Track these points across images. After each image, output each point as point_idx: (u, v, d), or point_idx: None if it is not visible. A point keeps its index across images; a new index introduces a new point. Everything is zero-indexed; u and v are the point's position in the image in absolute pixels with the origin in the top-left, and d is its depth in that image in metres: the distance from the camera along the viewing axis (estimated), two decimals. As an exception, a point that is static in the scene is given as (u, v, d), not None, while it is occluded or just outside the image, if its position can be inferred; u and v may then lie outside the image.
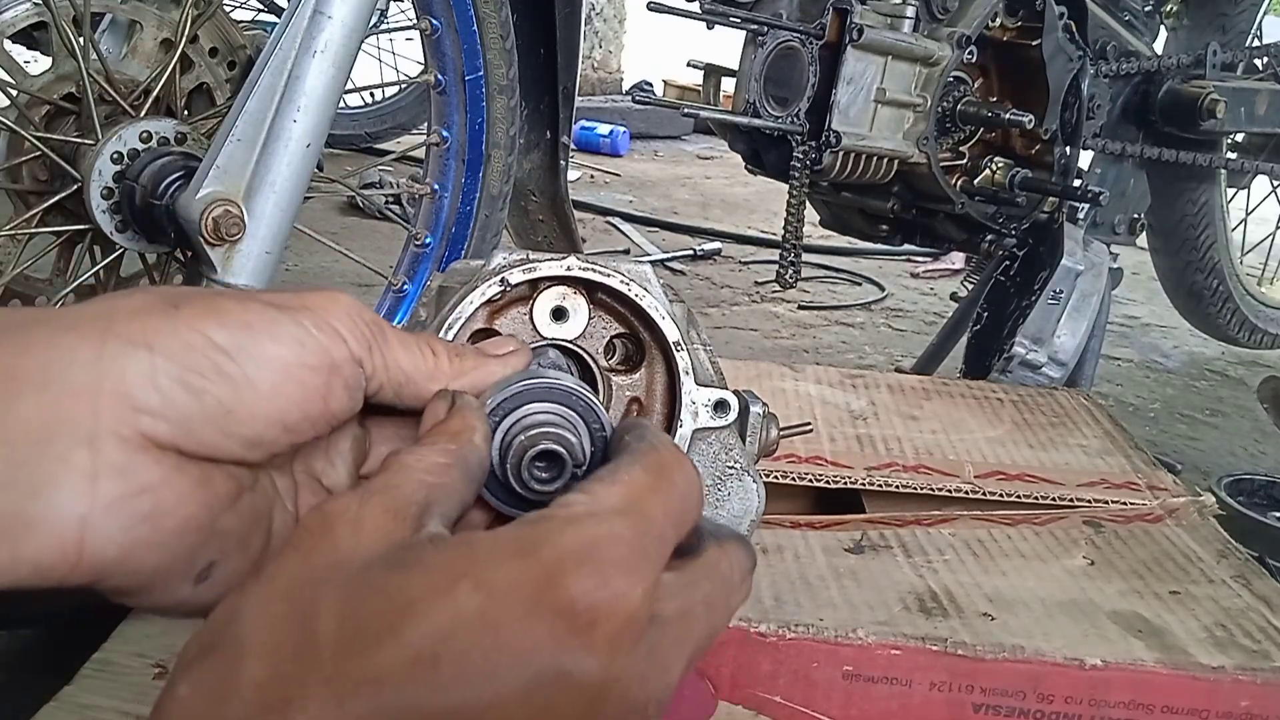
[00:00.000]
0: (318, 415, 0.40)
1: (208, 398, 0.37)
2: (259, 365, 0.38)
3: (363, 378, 0.41)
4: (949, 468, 0.86)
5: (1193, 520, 0.82)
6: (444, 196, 1.33)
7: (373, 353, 0.41)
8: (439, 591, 0.31)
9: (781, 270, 1.46)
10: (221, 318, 0.38)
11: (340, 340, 0.40)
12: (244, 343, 0.38)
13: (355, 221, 2.88)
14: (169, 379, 0.36)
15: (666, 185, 3.93)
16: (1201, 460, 1.84)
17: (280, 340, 0.38)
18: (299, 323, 0.39)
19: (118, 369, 0.36)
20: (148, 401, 0.36)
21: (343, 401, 0.40)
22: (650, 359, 0.60)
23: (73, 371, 0.36)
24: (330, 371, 0.40)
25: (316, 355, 0.39)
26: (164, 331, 0.37)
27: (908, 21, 1.33)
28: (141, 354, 0.36)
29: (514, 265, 0.55)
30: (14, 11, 1.08)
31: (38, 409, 0.35)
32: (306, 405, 0.39)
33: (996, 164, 1.46)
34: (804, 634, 0.61)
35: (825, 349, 2.29)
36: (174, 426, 0.37)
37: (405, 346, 0.42)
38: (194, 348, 0.37)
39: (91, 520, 0.36)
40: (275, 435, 0.39)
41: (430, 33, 1.25)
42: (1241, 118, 1.67)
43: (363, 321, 0.41)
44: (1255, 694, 0.60)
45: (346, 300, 0.41)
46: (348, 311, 0.41)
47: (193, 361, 0.37)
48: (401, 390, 0.42)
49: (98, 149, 1.05)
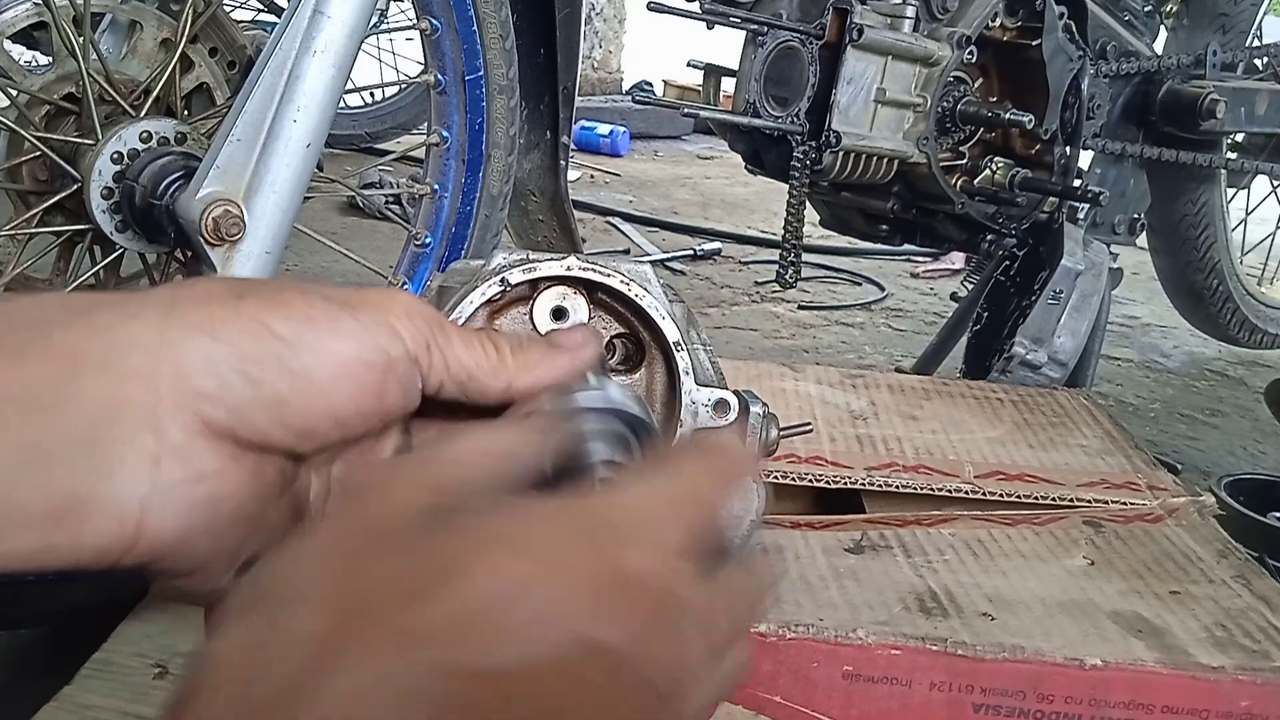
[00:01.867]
0: (371, 411, 0.40)
1: (265, 387, 0.37)
2: (317, 359, 0.38)
3: (418, 376, 0.41)
4: (949, 468, 0.86)
5: (1193, 520, 0.82)
6: (444, 196, 1.32)
7: (431, 350, 0.41)
8: (490, 553, 0.31)
9: (781, 270, 1.46)
10: (285, 309, 0.38)
11: (398, 338, 0.40)
12: (305, 335, 0.38)
13: (355, 221, 2.88)
14: (228, 366, 0.37)
15: (666, 185, 3.92)
16: (1201, 460, 1.84)
17: (340, 335, 0.39)
18: (358, 319, 0.40)
19: (177, 353, 0.37)
20: (205, 386, 0.37)
21: (396, 398, 0.41)
22: (650, 359, 0.60)
23: (134, 354, 0.36)
24: (386, 369, 0.40)
25: (374, 352, 0.40)
26: (227, 320, 0.37)
27: (908, 21, 1.33)
28: (203, 340, 0.37)
29: (514, 265, 0.55)
30: (14, 11, 1.08)
31: (100, 390, 0.36)
32: (361, 400, 0.40)
33: (996, 164, 1.46)
34: (804, 634, 0.61)
35: (825, 349, 2.29)
36: (230, 413, 0.37)
37: (466, 343, 0.43)
38: (255, 336, 0.38)
39: (152, 503, 0.36)
40: (328, 428, 0.39)
41: (430, 33, 1.25)
42: (1241, 118, 1.67)
43: (422, 319, 0.41)
44: (1255, 694, 0.60)
45: (406, 298, 0.42)
46: (406, 310, 0.41)
47: (253, 350, 0.37)
48: (466, 387, 0.43)
49: (98, 149, 1.05)
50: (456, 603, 0.30)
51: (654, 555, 0.33)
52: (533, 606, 0.31)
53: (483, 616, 0.30)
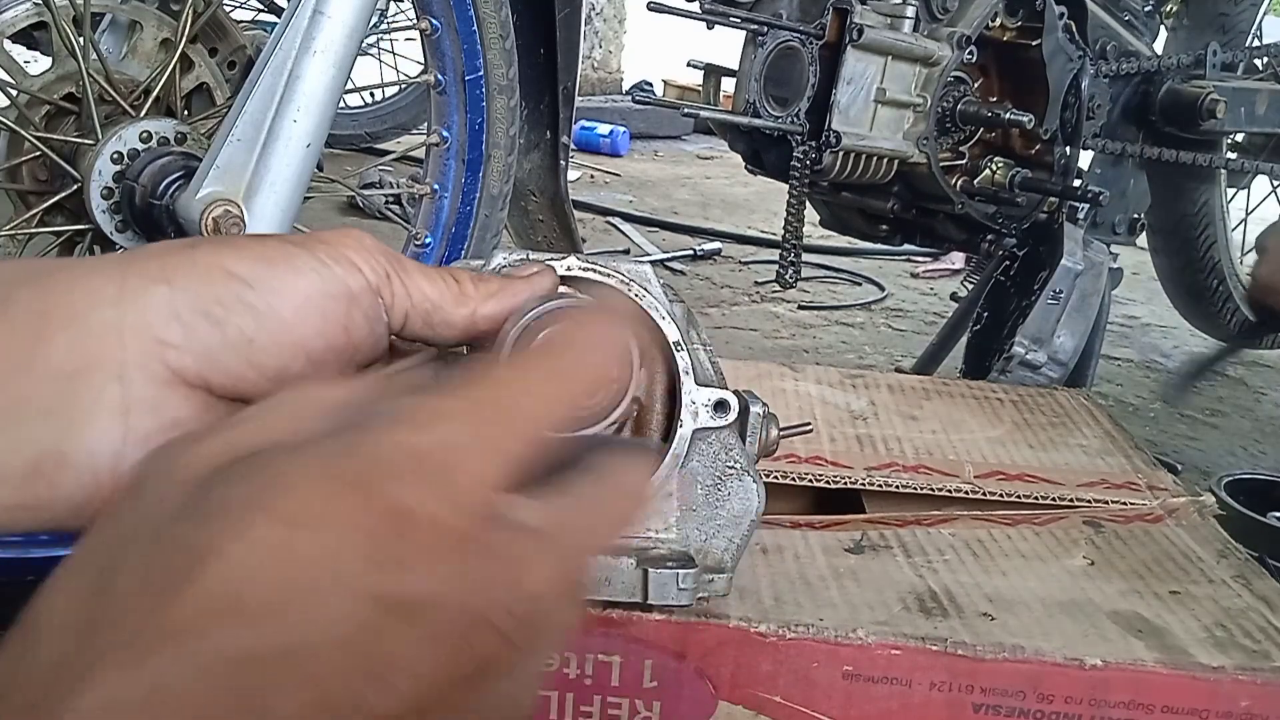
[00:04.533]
0: (341, 345, 0.40)
1: (229, 327, 0.37)
2: (279, 294, 0.38)
3: (382, 309, 0.41)
4: (949, 468, 0.86)
5: (1193, 520, 0.82)
6: (444, 196, 1.32)
7: (392, 281, 0.41)
8: (237, 528, 0.27)
9: (781, 270, 1.46)
10: (239, 251, 0.39)
11: (356, 270, 0.40)
12: (262, 273, 0.38)
13: (355, 221, 2.88)
14: (190, 310, 0.37)
15: (666, 185, 3.92)
16: (1201, 460, 1.84)
17: (298, 270, 0.39)
18: (315, 255, 0.40)
19: (139, 304, 0.37)
20: (170, 334, 0.37)
21: (363, 331, 0.41)
22: (650, 359, 0.60)
23: (97, 310, 0.36)
24: (349, 300, 0.40)
25: (334, 283, 0.40)
26: (182, 266, 0.38)
27: (908, 21, 1.33)
28: (161, 289, 0.37)
29: (514, 265, 0.55)
30: (14, 11, 1.08)
31: (67, 346, 0.36)
32: (328, 333, 0.39)
33: (996, 164, 1.46)
34: (804, 634, 0.61)
35: (825, 349, 2.29)
36: (199, 358, 0.37)
37: (427, 275, 0.43)
38: (213, 280, 0.37)
39: (125, 455, 0.36)
40: (300, 366, 0.39)
41: (430, 33, 1.25)
42: (1241, 118, 1.67)
43: (379, 252, 0.42)
44: (1255, 694, 0.60)
45: (359, 234, 0.42)
46: (362, 244, 0.41)
47: (213, 292, 0.37)
48: (431, 318, 0.43)
49: (98, 149, 1.05)
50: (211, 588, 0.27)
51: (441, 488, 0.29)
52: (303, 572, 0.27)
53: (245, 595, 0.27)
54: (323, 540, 0.28)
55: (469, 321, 0.43)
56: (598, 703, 0.62)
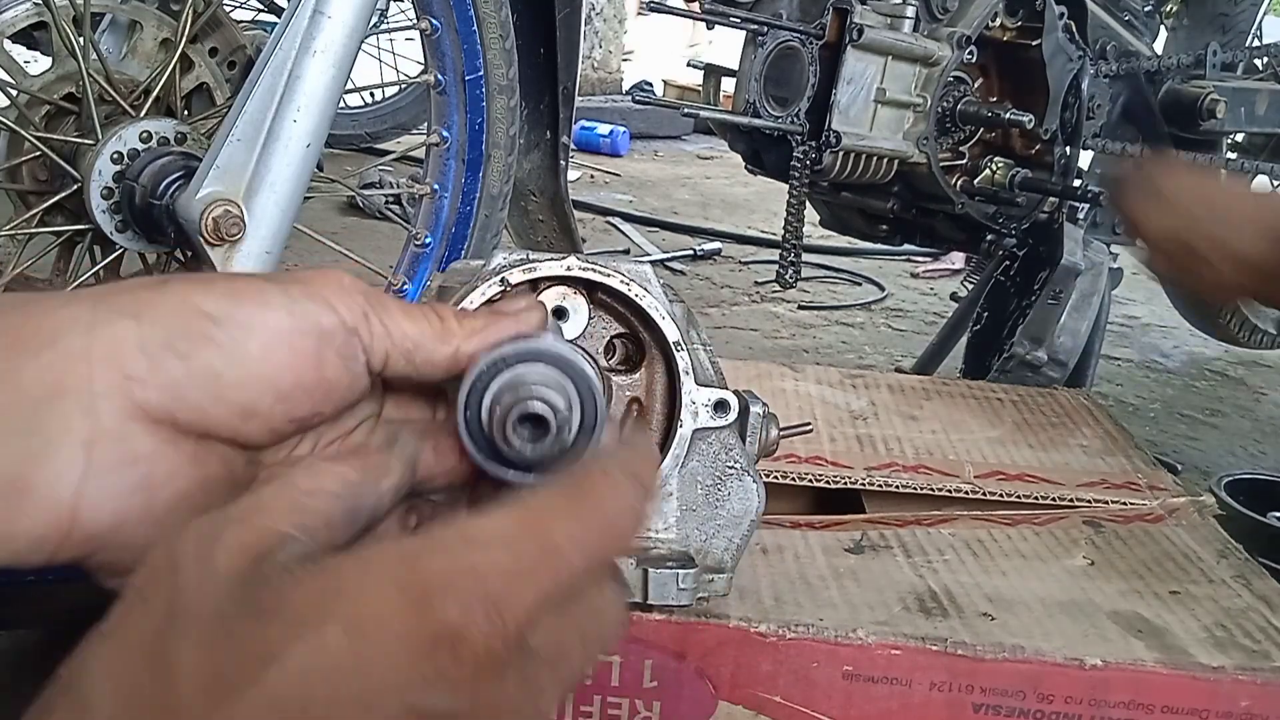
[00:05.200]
0: (312, 382, 0.39)
1: (195, 361, 0.37)
2: (246, 331, 0.38)
3: (359, 348, 0.41)
4: (949, 468, 0.86)
5: (1193, 520, 0.82)
6: (444, 196, 1.32)
7: (370, 320, 0.41)
8: (300, 634, 0.29)
9: (781, 270, 1.46)
10: (209, 288, 0.39)
11: (329, 308, 0.40)
12: (230, 310, 0.38)
13: (355, 221, 2.88)
14: (156, 344, 0.37)
15: (666, 185, 3.92)
16: (1201, 460, 1.84)
17: (268, 307, 0.39)
18: (287, 293, 0.39)
19: (108, 336, 0.37)
20: (137, 368, 0.37)
21: (338, 371, 0.40)
22: (650, 359, 0.60)
23: (67, 339, 0.36)
24: (320, 338, 0.39)
25: (304, 321, 0.39)
26: (152, 301, 0.38)
27: (908, 21, 1.33)
28: (129, 322, 0.37)
29: (514, 265, 0.55)
30: (14, 11, 1.08)
31: (35, 373, 0.36)
32: (299, 370, 0.39)
33: (996, 164, 1.46)
34: (804, 634, 0.61)
35: (825, 349, 2.29)
36: (164, 392, 0.37)
37: (408, 314, 0.42)
38: (181, 315, 0.38)
39: (86, 487, 0.36)
40: (269, 404, 0.39)
41: (430, 33, 1.25)
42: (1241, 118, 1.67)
43: (357, 292, 0.41)
44: (1255, 694, 0.60)
45: (339, 274, 0.41)
46: (339, 283, 0.41)
47: (179, 327, 0.37)
48: (413, 356, 0.42)
49: (98, 149, 1.05)
50: (276, 691, 0.28)
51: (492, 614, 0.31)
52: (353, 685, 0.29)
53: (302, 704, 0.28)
54: (382, 650, 0.29)
55: (452, 360, 0.42)
56: (598, 703, 0.62)
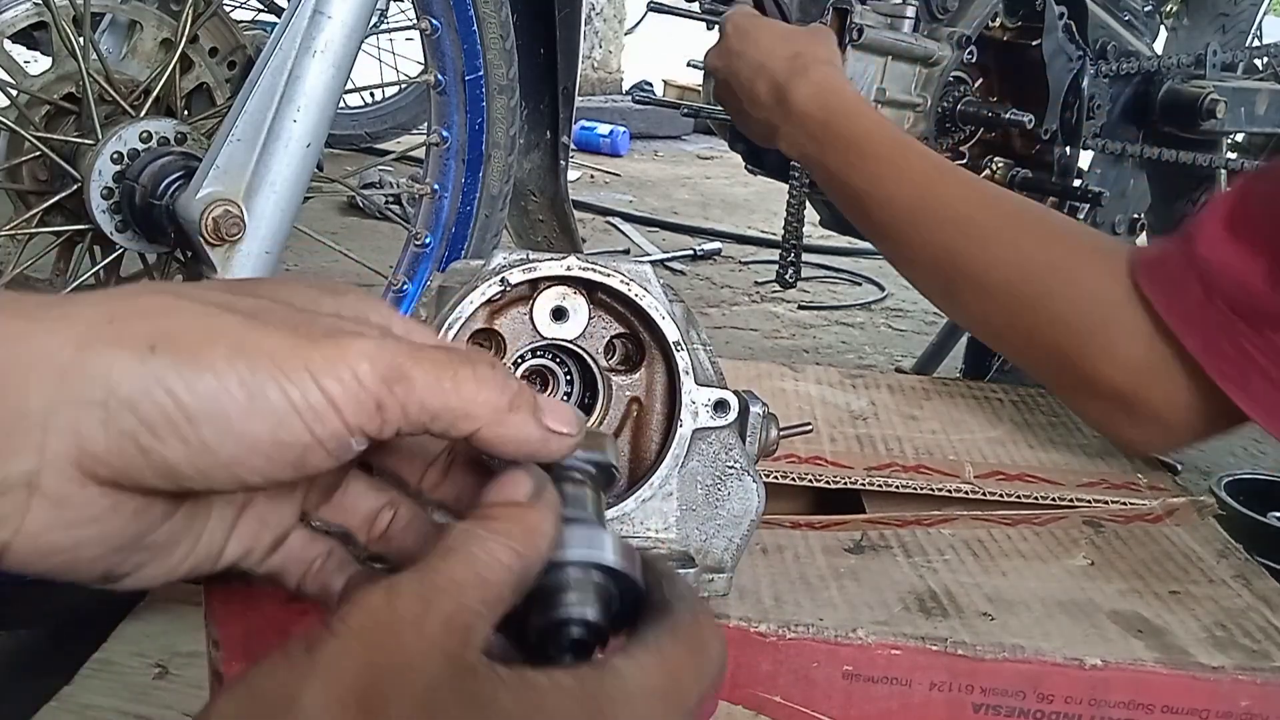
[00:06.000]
0: (284, 478, 0.37)
1: (155, 456, 0.35)
2: (223, 437, 0.35)
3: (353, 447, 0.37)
4: (949, 468, 0.86)
5: (1193, 520, 0.82)
6: (444, 196, 1.32)
7: (384, 409, 0.37)
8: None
9: (781, 270, 1.46)
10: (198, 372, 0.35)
11: (333, 413, 0.36)
12: (211, 411, 0.35)
13: (355, 221, 2.88)
14: (119, 432, 0.35)
15: (666, 185, 3.93)
16: (1201, 460, 1.84)
17: (255, 415, 0.35)
18: (286, 394, 0.35)
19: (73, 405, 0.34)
20: (94, 445, 0.35)
21: (319, 465, 0.37)
22: (650, 359, 0.60)
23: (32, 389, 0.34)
24: (306, 449, 0.36)
25: (295, 434, 0.36)
26: (130, 376, 0.34)
27: (908, 21, 1.33)
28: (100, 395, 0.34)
29: (514, 265, 0.55)
30: (14, 11, 1.08)
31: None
32: (269, 471, 0.36)
33: (996, 164, 1.46)
34: (804, 634, 0.61)
35: (825, 349, 2.29)
36: (116, 471, 0.35)
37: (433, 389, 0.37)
38: (156, 403, 0.34)
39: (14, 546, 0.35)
40: (229, 486, 0.37)
41: (430, 33, 1.25)
42: (1241, 118, 1.67)
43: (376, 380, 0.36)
44: (1255, 694, 0.60)
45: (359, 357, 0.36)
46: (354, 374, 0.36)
47: (150, 418, 0.35)
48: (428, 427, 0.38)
49: (98, 149, 1.05)
50: None
51: None
52: None
53: None
54: None
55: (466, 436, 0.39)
56: (598, 703, 0.62)
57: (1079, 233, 0.91)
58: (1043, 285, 0.85)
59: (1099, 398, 0.84)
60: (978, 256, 0.88)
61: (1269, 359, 0.73)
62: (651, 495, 0.57)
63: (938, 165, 0.96)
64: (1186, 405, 0.79)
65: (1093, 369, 0.83)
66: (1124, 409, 0.83)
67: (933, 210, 0.92)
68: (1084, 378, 0.84)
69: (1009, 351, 0.94)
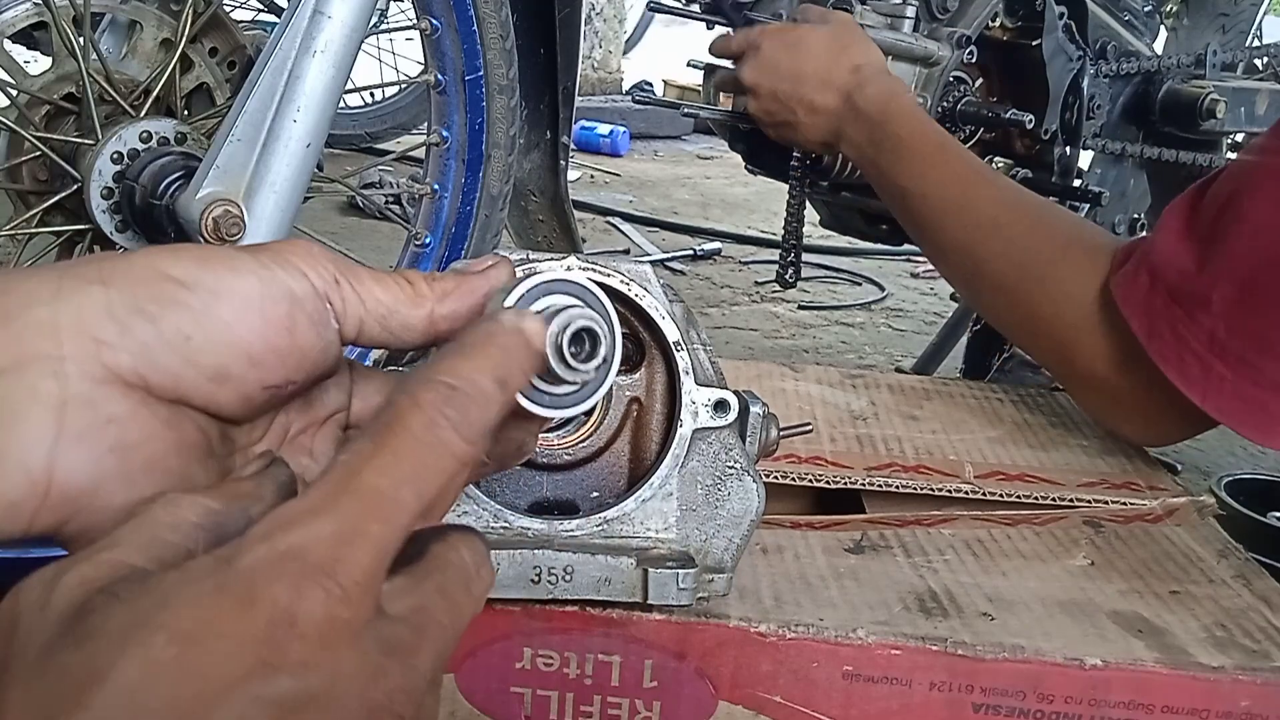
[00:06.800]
0: (285, 348, 0.40)
1: (165, 324, 0.37)
2: (216, 295, 0.38)
3: (330, 315, 0.41)
4: (949, 468, 0.86)
5: (1193, 520, 0.82)
6: (444, 196, 1.32)
7: (341, 287, 0.41)
8: (124, 650, 0.28)
9: (781, 270, 1.46)
10: (177, 255, 0.39)
11: (300, 274, 0.40)
12: (199, 274, 0.38)
13: (355, 221, 2.88)
14: (125, 309, 0.37)
15: (666, 185, 3.92)
16: (1201, 460, 1.84)
17: (238, 273, 0.39)
18: (257, 259, 0.39)
19: (75, 304, 0.37)
20: (106, 333, 0.37)
21: (310, 336, 0.40)
22: (650, 359, 0.60)
23: (33, 310, 0.36)
24: (291, 303, 0.39)
25: (274, 285, 0.39)
26: (119, 269, 0.38)
27: (908, 21, 1.33)
28: (96, 289, 0.37)
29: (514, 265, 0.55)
30: (14, 11, 1.08)
31: (3, 345, 0.36)
32: (270, 336, 0.39)
33: (996, 164, 1.46)
34: (804, 634, 0.61)
35: (825, 349, 2.29)
36: (135, 356, 0.37)
37: (379, 280, 0.42)
38: (148, 281, 0.38)
39: (60, 449, 0.36)
40: (242, 369, 0.39)
41: (430, 33, 1.25)
42: (1241, 118, 1.67)
43: (327, 259, 0.41)
44: (1255, 694, 0.60)
45: (308, 243, 0.42)
46: (309, 250, 0.41)
47: (148, 292, 0.37)
48: (387, 322, 0.42)
49: (98, 149, 1.05)
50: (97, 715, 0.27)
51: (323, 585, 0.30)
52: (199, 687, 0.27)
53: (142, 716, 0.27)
54: (214, 651, 0.28)
55: (427, 323, 0.43)
56: (598, 703, 0.62)
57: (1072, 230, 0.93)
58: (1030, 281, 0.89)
59: (1092, 390, 0.88)
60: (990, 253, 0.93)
61: (1200, 342, 0.75)
62: (651, 495, 0.57)
63: (975, 167, 1.01)
64: (1161, 399, 0.81)
65: (1085, 364, 0.86)
66: (1113, 402, 0.85)
67: (961, 208, 0.97)
68: (1076, 371, 0.87)
69: (1020, 344, 0.99)
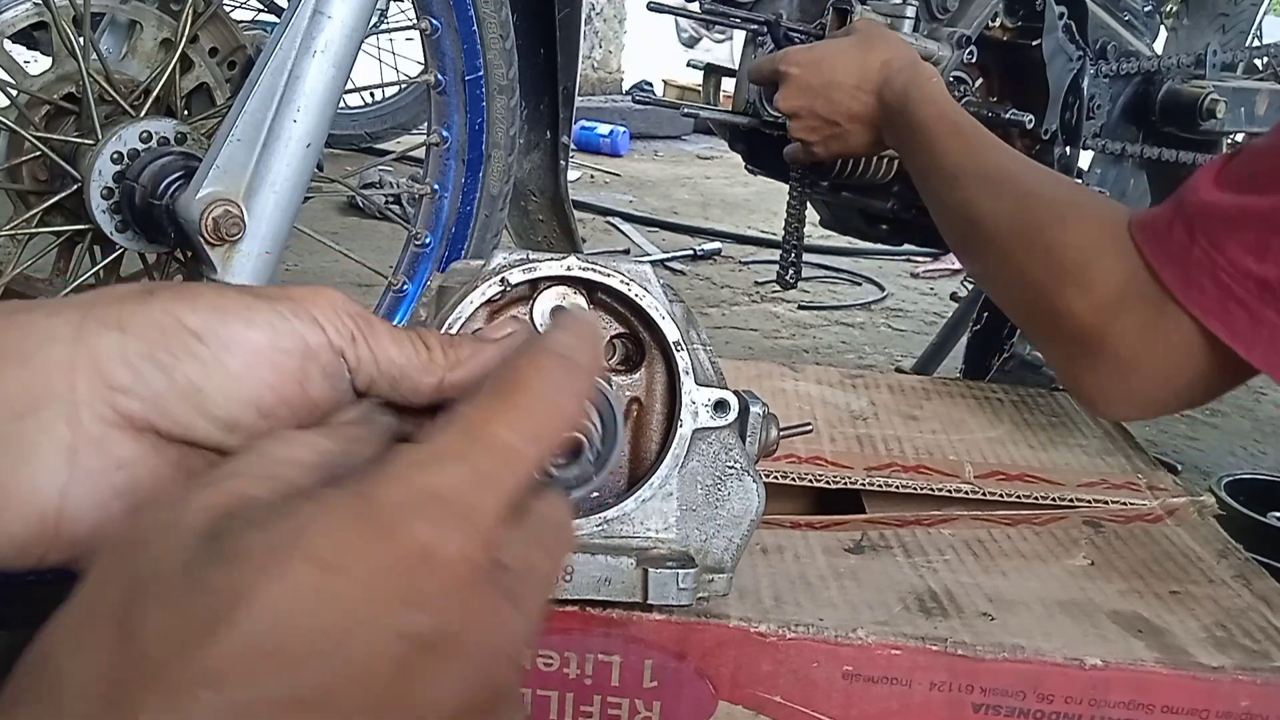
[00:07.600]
0: (296, 400, 0.40)
1: (177, 374, 0.38)
2: (229, 348, 0.38)
3: (345, 368, 0.41)
4: (949, 468, 0.86)
5: (1193, 520, 0.82)
6: (444, 196, 1.32)
7: (357, 343, 0.41)
8: (268, 573, 0.28)
9: (781, 270, 1.46)
10: (194, 302, 0.39)
11: (317, 328, 0.40)
12: (214, 325, 0.38)
13: (355, 221, 2.88)
14: (139, 357, 0.37)
15: (666, 185, 3.93)
16: (1201, 460, 1.84)
17: (253, 325, 0.39)
18: (276, 310, 0.39)
19: (91, 347, 0.37)
20: (120, 378, 0.37)
21: (322, 389, 0.40)
22: (650, 359, 0.60)
23: (51, 349, 0.37)
24: (305, 357, 0.39)
25: (290, 339, 0.39)
26: (137, 314, 0.38)
27: (908, 21, 1.33)
28: (114, 334, 0.37)
29: (514, 265, 0.55)
30: (14, 11, 1.08)
31: (18, 383, 0.36)
32: (281, 388, 0.39)
33: (996, 164, 1.46)
34: (804, 634, 0.61)
35: (825, 349, 2.29)
36: (146, 404, 0.37)
37: (396, 340, 0.42)
38: (165, 329, 0.38)
39: (70, 491, 0.37)
40: (251, 419, 0.39)
41: (430, 33, 1.25)
42: (1241, 118, 1.67)
43: (346, 313, 0.41)
44: (1255, 694, 0.60)
45: (331, 293, 0.41)
46: (330, 302, 0.41)
47: (163, 341, 0.38)
48: (398, 384, 0.42)
49: (98, 149, 1.05)
50: (244, 634, 0.27)
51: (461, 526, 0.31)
52: (340, 615, 0.28)
53: (279, 641, 0.27)
54: (356, 582, 0.29)
55: (436, 390, 0.42)
56: (598, 703, 0.62)
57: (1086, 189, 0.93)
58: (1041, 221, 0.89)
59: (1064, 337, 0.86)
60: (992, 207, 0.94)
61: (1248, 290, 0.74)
62: (651, 495, 0.57)
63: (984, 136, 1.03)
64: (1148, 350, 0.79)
65: (1066, 305, 0.84)
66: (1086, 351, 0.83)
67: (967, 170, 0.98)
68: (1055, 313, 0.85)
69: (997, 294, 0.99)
